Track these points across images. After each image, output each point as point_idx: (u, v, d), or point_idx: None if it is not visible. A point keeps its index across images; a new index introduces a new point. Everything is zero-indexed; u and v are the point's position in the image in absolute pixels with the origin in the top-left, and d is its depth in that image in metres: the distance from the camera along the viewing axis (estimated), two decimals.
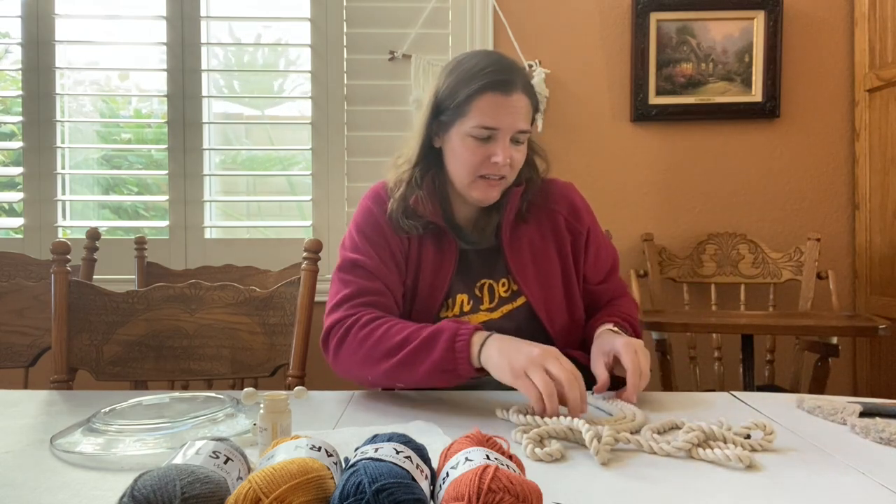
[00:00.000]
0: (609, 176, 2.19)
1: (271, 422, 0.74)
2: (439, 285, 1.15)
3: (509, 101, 1.08)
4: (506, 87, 1.08)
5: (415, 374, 0.99)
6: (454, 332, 0.97)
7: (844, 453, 0.78)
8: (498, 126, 1.08)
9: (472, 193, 1.14)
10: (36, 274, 1.86)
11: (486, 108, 1.07)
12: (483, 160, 1.10)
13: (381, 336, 1.02)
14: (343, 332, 1.06)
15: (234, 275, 1.89)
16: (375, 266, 1.13)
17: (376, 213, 1.17)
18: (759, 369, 1.98)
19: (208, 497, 0.52)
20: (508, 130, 1.09)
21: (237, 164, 2.32)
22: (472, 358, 0.95)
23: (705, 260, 2.13)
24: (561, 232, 1.21)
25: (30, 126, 2.18)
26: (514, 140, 1.11)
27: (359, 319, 1.06)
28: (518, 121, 1.09)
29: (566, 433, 0.82)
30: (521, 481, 0.53)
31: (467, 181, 1.13)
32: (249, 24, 2.27)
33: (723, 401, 1.03)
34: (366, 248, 1.15)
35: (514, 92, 1.08)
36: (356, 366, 1.05)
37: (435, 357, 0.96)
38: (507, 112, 1.08)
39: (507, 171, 1.12)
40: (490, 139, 1.09)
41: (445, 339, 0.96)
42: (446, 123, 1.13)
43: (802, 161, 2.19)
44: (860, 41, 2.12)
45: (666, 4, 2.13)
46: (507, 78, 1.08)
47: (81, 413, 0.94)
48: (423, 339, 0.98)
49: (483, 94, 1.07)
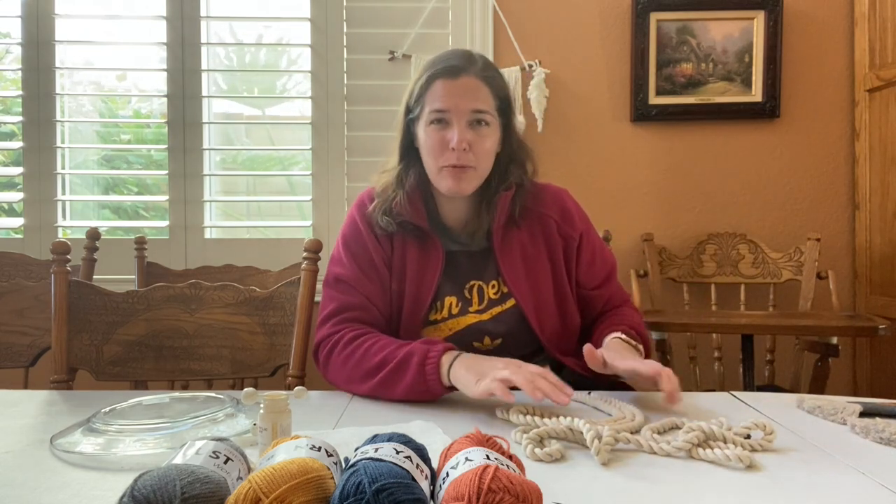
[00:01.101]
0: (609, 176, 2.19)
1: (271, 422, 0.74)
2: (426, 288, 1.16)
3: (457, 84, 1.11)
4: (453, 72, 1.12)
5: (394, 394, 1.02)
6: (424, 355, 1.00)
7: (844, 453, 0.78)
8: (446, 107, 1.11)
9: (441, 185, 1.15)
10: (36, 274, 1.86)
11: (435, 93, 1.12)
12: (441, 146, 1.12)
13: (361, 357, 1.06)
14: (328, 350, 1.11)
15: (234, 275, 1.89)
16: (357, 279, 1.15)
17: (359, 224, 1.20)
18: (759, 369, 1.98)
19: (208, 497, 0.52)
20: (458, 111, 1.11)
21: (237, 163, 2.32)
22: (442, 377, 0.98)
23: (705, 260, 2.13)
24: (553, 237, 1.20)
25: (30, 126, 2.18)
26: (473, 123, 1.12)
27: (342, 338, 1.10)
28: (468, 101, 1.11)
29: (566, 433, 0.82)
30: (521, 481, 0.53)
31: (434, 171, 1.15)
32: (249, 24, 2.27)
33: (723, 401, 1.03)
34: (348, 261, 1.18)
35: (462, 76, 1.12)
36: (343, 383, 1.09)
37: (408, 379, 1.00)
38: (454, 94, 1.11)
39: (470, 158, 1.11)
40: (444, 123, 1.12)
41: (416, 363, 0.99)
42: (414, 121, 1.17)
43: (802, 161, 2.19)
44: (860, 41, 2.12)
45: (666, 4, 2.13)
46: (454, 64, 1.13)
47: (81, 413, 0.94)
48: (397, 361, 1.01)
49: (433, 83, 1.12)
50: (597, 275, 1.25)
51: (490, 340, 1.17)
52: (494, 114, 1.14)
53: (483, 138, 1.13)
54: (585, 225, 1.25)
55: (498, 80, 1.16)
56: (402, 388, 1.00)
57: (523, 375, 0.90)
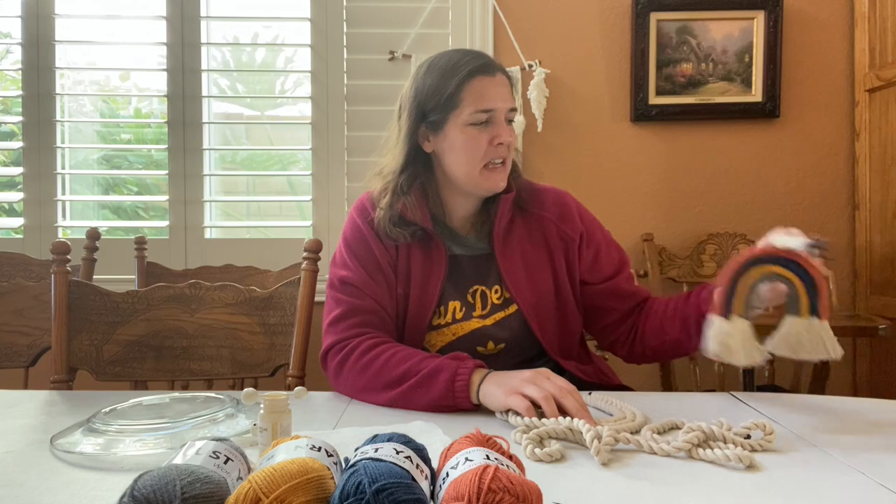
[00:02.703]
0: (609, 176, 2.19)
1: (271, 422, 0.74)
2: (430, 292, 1.15)
3: (496, 81, 1.12)
4: (490, 70, 1.12)
5: (416, 406, 1.00)
6: (454, 372, 0.98)
7: (844, 453, 0.78)
8: (493, 106, 1.10)
9: (483, 184, 1.13)
10: (36, 274, 1.86)
11: (477, 92, 1.10)
12: (487, 145, 1.11)
13: (382, 366, 1.03)
14: (342, 357, 1.08)
15: (234, 275, 1.89)
16: (364, 283, 1.13)
17: (362, 227, 1.18)
18: (759, 369, 1.98)
19: (208, 497, 0.52)
20: (503, 109, 1.12)
21: (237, 164, 2.32)
22: (472, 395, 0.96)
23: (705, 260, 2.13)
24: (552, 240, 1.20)
25: (30, 126, 2.18)
26: (507, 120, 1.13)
27: (358, 346, 1.07)
28: (508, 99, 1.13)
29: (566, 433, 0.82)
30: (521, 481, 0.53)
31: (474, 171, 1.12)
32: (249, 24, 2.27)
33: (723, 401, 1.03)
34: (354, 264, 1.15)
35: (497, 73, 1.13)
36: (357, 392, 1.06)
37: (434, 394, 0.98)
38: (497, 92, 1.11)
39: (508, 152, 1.14)
40: (488, 122, 1.11)
41: (445, 379, 0.97)
42: (438, 122, 1.12)
43: (802, 161, 2.19)
44: (860, 41, 2.12)
45: (666, 4, 2.13)
46: (487, 62, 1.13)
47: (81, 413, 0.94)
48: (424, 374, 0.99)
49: (472, 80, 1.10)
50: (602, 270, 1.22)
51: (493, 345, 1.16)
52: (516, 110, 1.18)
53: (514, 135, 1.16)
54: (588, 224, 1.23)
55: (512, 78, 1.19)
56: (427, 401, 0.98)
57: (543, 394, 0.89)
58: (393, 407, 1.02)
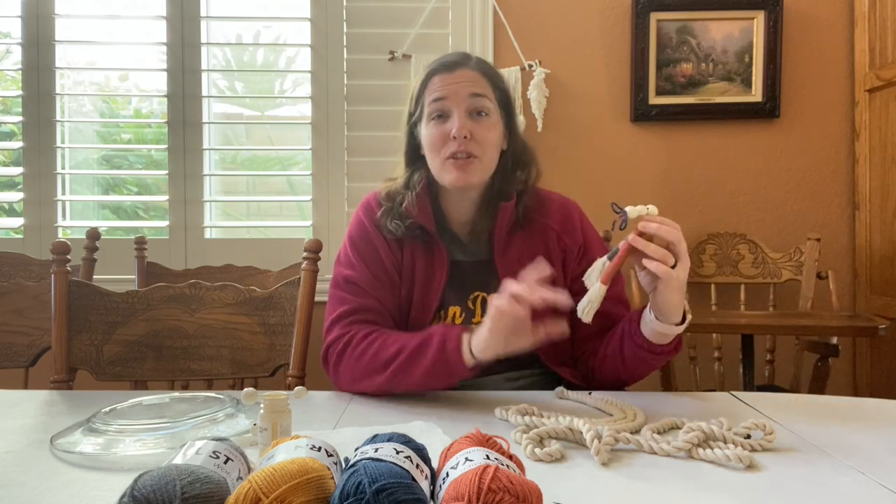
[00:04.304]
0: (609, 176, 2.19)
1: (271, 422, 0.74)
2: (431, 296, 1.15)
3: (453, 76, 1.13)
4: (449, 67, 1.14)
5: (411, 380, 1.01)
6: (444, 334, 1.01)
7: (844, 453, 0.78)
8: (444, 95, 1.12)
9: (445, 178, 1.14)
10: (36, 274, 1.86)
11: (432, 88, 1.14)
12: (442, 138, 1.12)
13: (377, 349, 1.05)
14: (340, 350, 1.09)
15: (234, 275, 1.89)
16: (368, 282, 1.14)
17: (368, 226, 1.19)
18: (759, 369, 1.98)
19: (208, 497, 0.52)
20: (457, 99, 1.12)
21: (237, 164, 2.32)
22: (465, 355, 0.99)
23: (705, 260, 2.13)
24: (552, 248, 1.19)
25: (30, 126, 2.18)
26: (473, 113, 1.12)
27: (354, 336, 1.09)
28: (465, 87, 1.12)
29: (566, 433, 0.82)
30: (521, 481, 0.53)
31: (438, 166, 1.14)
32: (249, 24, 2.27)
33: (723, 401, 1.03)
34: (358, 263, 1.16)
35: (458, 69, 1.14)
36: (357, 382, 1.07)
37: (428, 361, 1.00)
38: (451, 83, 1.12)
39: (473, 146, 1.11)
40: (444, 117, 1.12)
41: (437, 342, 1.00)
42: (416, 124, 1.17)
43: (802, 161, 2.19)
44: (860, 41, 2.12)
45: (666, 4, 2.13)
46: (450, 60, 1.15)
47: (81, 413, 0.94)
48: (416, 344, 1.02)
49: (431, 78, 1.15)
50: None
51: None
52: (495, 104, 1.15)
53: (484, 128, 1.12)
54: (589, 238, 1.22)
55: (495, 75, 1.18)
56: (421, 371, 1.00)
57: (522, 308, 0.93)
58: (392, 390, 1.03)
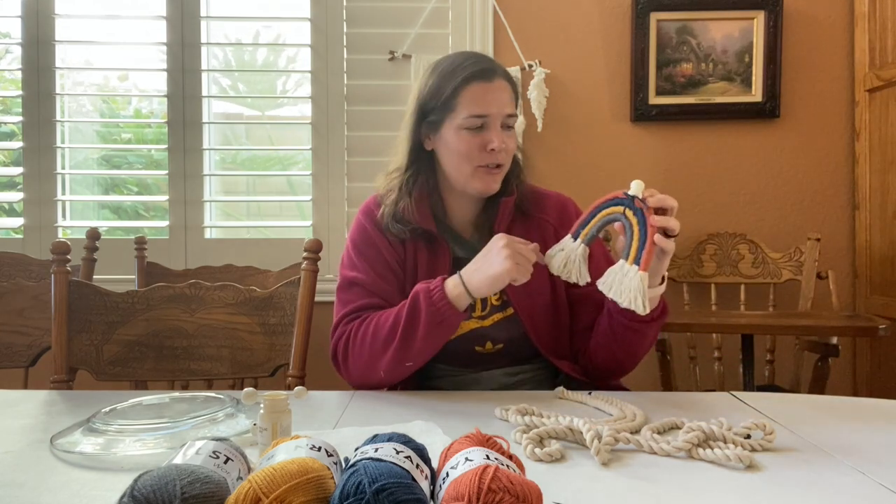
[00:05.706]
0: (609, 176, 2.19)
1: (271, 422, 0.74)
2: None
3: (493, 87, 1.12)
4: (488, 75, 1.12)
5: (414, 344, 1.04)
6: (427, 289, 1.04)
7: (844, 453, 0.78)
8: (487, 112, 1.11)
9: (474, 185, 1.14)
10: (36, 274, 1.86)
11: (472, 97, 1.11)
12: (479, 149, 1.12)
13: (374, 331, 1.07)
14: (345, 345, 1.11)
15: (234, 275, 1.89)
16: (372, 282, 1.15)
17: (369, 228, 1.19)
18: (759, 369, 1.98)
19: (208, 497, 0.52)
20: (498, 116, 1.12)
21: (237, 164, 2.32)
22: (452, 299, 1.02)
23: (705, 260, 2.13)
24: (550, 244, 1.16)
25: (30, 126, 2.18)
26: (504, 126, 1.13)
27: (352, 328, 1.11)
28: (505, 105, 1.13)
29: (566, 433, 0.82)
30: (521, 481, 0.53)
31: (468, 173, 1.14)
32: (249, 24, 2.27)
33: (723, 401, 1.03)
34: (362, 264, 1.17)
35: (496, 78, 1.13)
36: (367, 370, 1.09)
37: (423, 319, 1.03)
38: (493, 98, 1.12)
39: (503, 157, 1.13)
40: (482, 128, 1.12)
41: (424, 300, 1.03)
42: (436, 123, 1.15)
43: (802, 161, 2.19)
44: (860, 41, 2.12)
45: (666, 4, 2.13)
46: (487, 66, 1.13)
47: (81, 413, 0.94)
48: (407, 309, 1.05)
49: (468, 85, 1.11)
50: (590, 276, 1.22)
51: (492, 345, 1.17)
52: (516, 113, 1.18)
53: (512, 140, 1.16)
54: None
55: (513, 80, 1.19)
56: (421, 332, 1.02)
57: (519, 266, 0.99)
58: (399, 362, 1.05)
